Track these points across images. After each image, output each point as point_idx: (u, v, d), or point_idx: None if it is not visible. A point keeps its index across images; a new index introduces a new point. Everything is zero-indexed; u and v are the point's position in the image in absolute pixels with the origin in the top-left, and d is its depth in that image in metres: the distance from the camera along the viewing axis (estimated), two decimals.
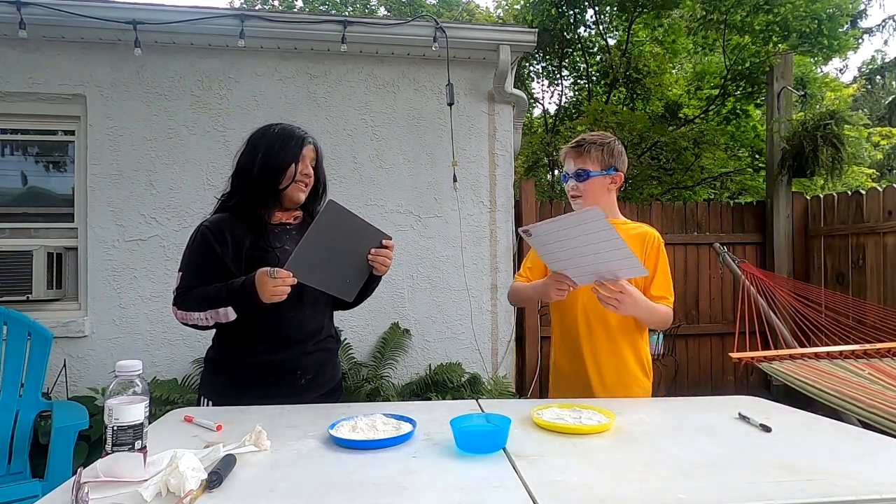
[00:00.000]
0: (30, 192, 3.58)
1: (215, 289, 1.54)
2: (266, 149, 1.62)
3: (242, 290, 1.50)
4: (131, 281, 3.46)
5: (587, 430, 1.27)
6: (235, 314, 1.52)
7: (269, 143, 1.63)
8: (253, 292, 1.47)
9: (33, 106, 3.45)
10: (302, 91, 3.69)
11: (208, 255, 1.58)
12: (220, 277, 1.57)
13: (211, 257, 1.58)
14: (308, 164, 1.66)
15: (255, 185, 1.61)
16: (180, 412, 1.47)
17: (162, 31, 3.38)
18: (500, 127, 3.89)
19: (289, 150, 1.62)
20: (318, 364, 1.68)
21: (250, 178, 1.62)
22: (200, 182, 3.54)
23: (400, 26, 3.60)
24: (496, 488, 0.97)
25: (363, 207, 3.60)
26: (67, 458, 2.20)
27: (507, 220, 3.90)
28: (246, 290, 1.49)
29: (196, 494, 0.92)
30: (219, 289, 1.53)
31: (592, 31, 7.94)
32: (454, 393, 3.42)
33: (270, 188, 1.62)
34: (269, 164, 1.61)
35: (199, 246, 1.60)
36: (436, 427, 1.32)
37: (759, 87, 6.54)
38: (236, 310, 1.52)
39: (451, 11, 10.66)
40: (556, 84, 8.73)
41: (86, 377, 3.37)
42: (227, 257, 1.58)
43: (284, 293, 1.47)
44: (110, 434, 1.03)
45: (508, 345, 3.87)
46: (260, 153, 1.62)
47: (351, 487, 0.98)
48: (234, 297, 1.51)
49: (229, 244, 1.58)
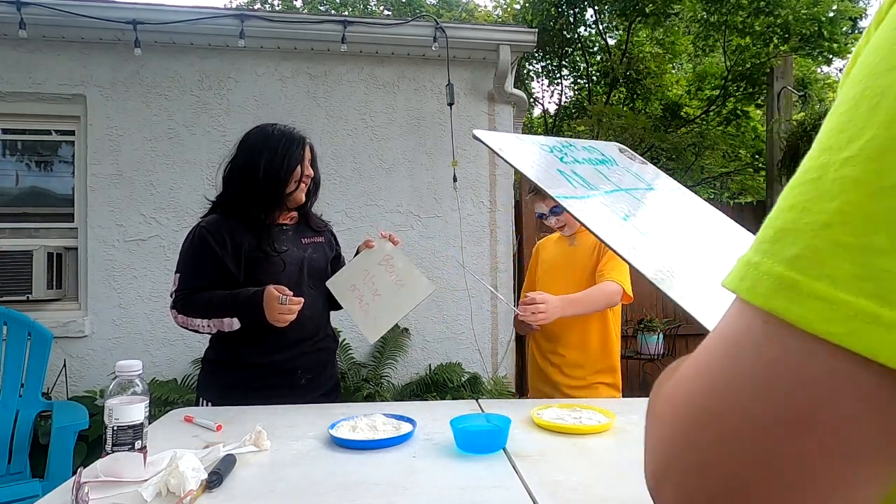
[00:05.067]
0: (30, 192, 3.58)
1: (220, 297, 1.52)
2: (270, 153, 1.61)
3: (250, 304, 1.50)
4: (131, 281, 3.45)
5: (587, 430, 1.27)
6: (240, 324, 1.54)
7: (272, 146, 1.62)
8: (260, 310, 1.49)
9: (33, 106, 3.45)
10: (302, 91, 3.69)
11: (207, 256, 1.57)
12: (219, 279, 1.57)
13: (210, 258, 1.57)
14: (308, 164, 1.68)
15: (261, 188, 1.60)
16: (180, 412, 1.47)
17: (162, 31, 3.38)
18: (501, 127, 3.88)
19: (293, 154, 1.63)
20: (317, 364, 1.69)
21: (255, 180, 1.60)
22: (200, 182, 3.54)
23: (400, 26, 3.60)
24: (496, 488, 0.97)
25: (363, 207, 3.60)
26: (67, 458, 2.19)
27: (507, 220, 3.90)
28: (253, 305, 1.50)
29: (196, 494, 0.92)
30: (223, 298, 1.52)
31: (592, 31, 7.94)
32: (454, 393, 3.42)
33: (277, 191, 1.62)
34: (276, 168, 1.61)
35: (197, 247, 1.58)
36: (436, 427, 1.32)
37: (759, 88, 6.55)
38: (241, 321, 1.54)
39: (450, 11, 10.66)
40: (555, 83, 8.73)
41: (86, 377, 3.36)
42: (226, 258, 1.57)
43: (289, 320, 1.49)
44: (110, 434, 1.03)
45: (508, 345, 3.87)
46: (264, 157, 1.61)
47: (351, 487, 0.98)
48: (241, 309, 1.52)
49: (228, 245, 1.58)
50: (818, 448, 0.20)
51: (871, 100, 0.21)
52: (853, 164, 0.21)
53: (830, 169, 0.22)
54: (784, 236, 0.22)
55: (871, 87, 0.22)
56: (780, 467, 0.20)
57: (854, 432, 0.20)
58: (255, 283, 1.56)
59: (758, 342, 0.22)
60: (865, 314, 0.19)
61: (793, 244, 0.21)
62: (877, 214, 0.20)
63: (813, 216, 0.21)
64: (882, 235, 0.19)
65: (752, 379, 0.21)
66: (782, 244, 0.22)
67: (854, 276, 0.20)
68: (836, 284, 0.20)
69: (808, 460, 0.20)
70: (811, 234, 0.21)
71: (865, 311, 0.19)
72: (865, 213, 0.20)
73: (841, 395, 0.20)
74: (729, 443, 0.21)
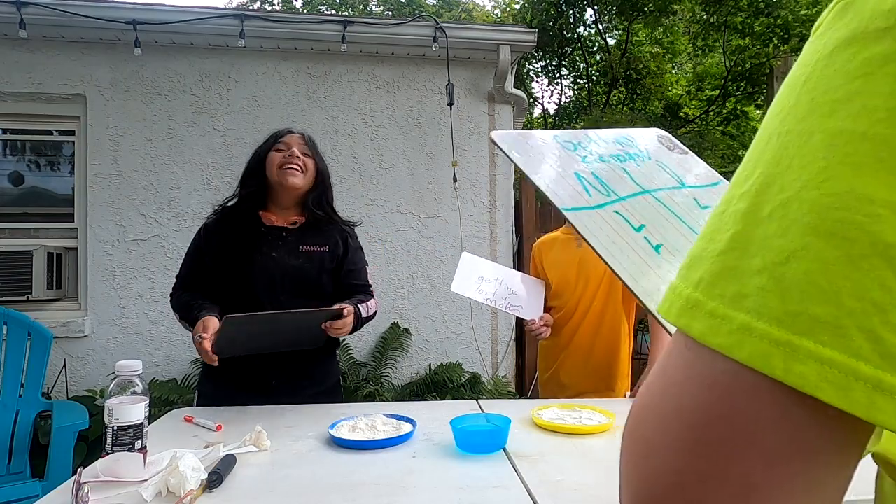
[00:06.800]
0: (30, 192, 3.57)
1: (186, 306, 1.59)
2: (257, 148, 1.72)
3: (191, 324, 1.52)
4: (131, 281, 3.46)
5: (587, 430, 1.27)
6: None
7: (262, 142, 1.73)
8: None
9: (33, 106, 3.45)
10: (302, 91, 3.69)
11: (194, 250, 1.69)
12: (201, 273, 1.65)
13: (195, 253, 1.68)
14: (295, 149, 1.65)
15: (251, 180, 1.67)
16: (180, 412, 1.48)
17: (162, 31, 3.38)
18: (500, 127, 3.88)
19: (270, 140, 1.70)
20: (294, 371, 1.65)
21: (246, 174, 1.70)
22: (200, 182, 3.54)
23: (400, 26, 3.60)
24: (496, 488, 0.97)
25: (363, 207, 3.60)
26: (67, 458, 2.20)
27: (507, 220, 3.90)
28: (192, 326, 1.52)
29: (196, 494, 0.92)
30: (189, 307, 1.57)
31: (592, 31, 7.94)
32: (454, 393, 3.42)
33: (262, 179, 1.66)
34: (257, 156, 1.68)
35: (193, 241, 1.71)
36: (436, 427, 1.32)
37: (759, 88, 6.55)
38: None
39: (450, 11, 10.67)
40: (555, 83, 8.73)
41: (86, 377, 3.36)
42: (207, 255, 1.65)
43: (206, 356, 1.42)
44: (110, 434, 1.03)
45: (508, 345, 3.87)
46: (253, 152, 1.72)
47: (351, 487, 0.98)
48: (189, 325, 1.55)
49: (213, 242, 1.65)
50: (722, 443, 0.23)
51: (763, 141, 0.25)
52: (744, 199, 0.24)
53: (731, 203, 0.25)
54: (694, 263, 0.26)
55: (766, 128, 0.25)
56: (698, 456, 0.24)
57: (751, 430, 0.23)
58: (229, 283, 1.61)
59: (677, 353, 0.26)
60: (743, 327, 0.22)
61: (698, 269, 0.25)
62: (755, 241, 0.23)
63: (714, 244, 0.25)
64: (758, 259, 0.23)
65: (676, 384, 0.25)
66: (692, 270, 0.26)
67: (737, 295, 0.23)
68: (725, 302, 0.23)
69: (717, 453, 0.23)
70: (711, 260, 0.25)
71: (743, 325, 0.22)
72: (747, 240, 0.23)
73: (735, 396, 0.23)
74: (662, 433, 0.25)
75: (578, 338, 1.87)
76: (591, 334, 1.85)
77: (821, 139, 0.22)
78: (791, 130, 0.24)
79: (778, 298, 0.22)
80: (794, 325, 0.21)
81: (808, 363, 0.21)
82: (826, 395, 0.21)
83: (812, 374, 0.21)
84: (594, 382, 1.84)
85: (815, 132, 0.23)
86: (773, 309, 0.22)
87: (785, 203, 0.23)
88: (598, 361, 1.84)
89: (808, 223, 0.22)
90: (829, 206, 0.21)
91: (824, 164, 0.22)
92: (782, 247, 0.22)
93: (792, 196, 0.23)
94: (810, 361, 0.21)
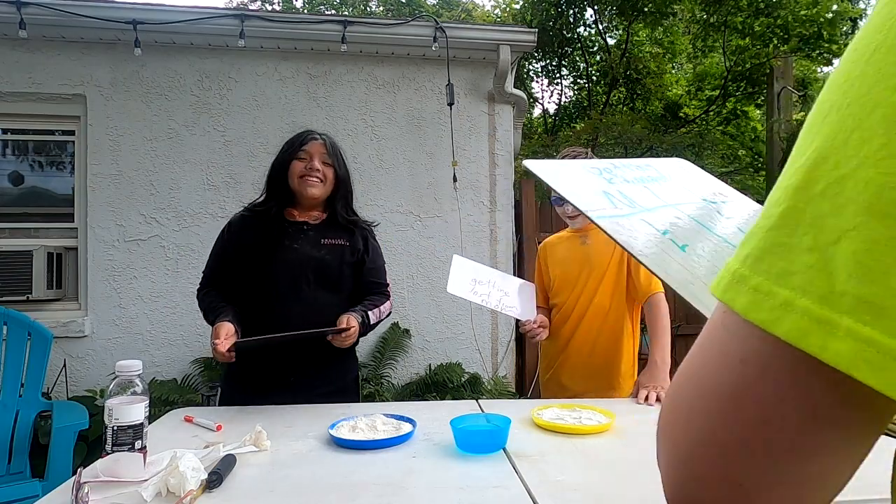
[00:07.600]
0: (30, 192, 3.57)
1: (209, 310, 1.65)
2: (279, 152, 1.75)
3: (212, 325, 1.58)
4: (131, 281, 3.45)
5: (587, 430, 1.27)
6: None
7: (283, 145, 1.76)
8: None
9: (33, 106, 3.45)
10: (302, 91, 3.69)
11: (219, 246, 1.75)
12: (225, 267, 1.70)
13: (220, 248, 1.74)
14: (316, 159, 1.69)
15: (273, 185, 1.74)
16: (180, 412, 1.48)
17: (162, 31, 3.38)
18: (500, 127, 3.89)
19: (292, 149, 1.71)
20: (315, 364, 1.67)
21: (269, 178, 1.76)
22: (200, 182, 3.54)
23: (400, 26, 3.60)
24: (496, 488, 0.97)
25: (363, 207, 3.56)
26: (67, 458, 2.19)
27: (507, 221, 3.90)
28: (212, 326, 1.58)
29: (196, 494, 0.92)
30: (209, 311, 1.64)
31: (592, 31, 7.94)
32: (454, 393, 3.42)
33: (284, 185, 1.71)
34: (280, 164, 1.72)
35: (218, 237, 1.78)
36: (436, 427, 1.32)
37: (759, 88, 6.55)
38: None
39: (450, 11, 10.67)
40: (555, 83, 8.73)
41: (86, 377, 3.36)
42: (228, 250, 1.70)
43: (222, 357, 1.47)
44: (110, 434, 1.03)
45: (508, 345, 3.87)
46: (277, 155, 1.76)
47: (351, 487, 0.98)
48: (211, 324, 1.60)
49: (236, 237, 1.70)
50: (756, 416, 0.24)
51: (822, 113, 0.24)
52: (798, 173, 0.24)
53: (786, 178, 0.25)
54: (747, 239, 0.26)
55: (827, 100, 0.25)
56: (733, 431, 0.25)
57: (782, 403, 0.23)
58: (252, 276, 1.66)
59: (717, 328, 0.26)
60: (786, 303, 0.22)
61: (748, 245, 0.25)
62: (806, 218, 0.23)
63: (765, 220, 0.25)
64: (809, 237, 0.22)
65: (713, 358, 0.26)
66: (743, 245, 0.26)
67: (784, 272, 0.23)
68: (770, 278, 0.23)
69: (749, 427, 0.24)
70: (761, 235, 0.25)
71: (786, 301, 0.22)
72: (798, 217, 0.23)
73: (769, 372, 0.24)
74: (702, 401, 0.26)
75: (579, 336, 1.87)
76: (593, 332, 1.85)
77: (883, 114, 0.21)
78: (853, 103, 0.23)
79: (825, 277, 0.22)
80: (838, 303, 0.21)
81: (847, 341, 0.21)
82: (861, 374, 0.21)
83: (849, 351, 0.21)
84: (595, 382, 1.83)
85: (879, 106, 0.22)
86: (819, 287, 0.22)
87: (840, 180, 0.22)
88: (600, 361, 1.84)
89: (863, 202, 0.21)
90: (886, 185, 0.21)
91: (885, 140, 0.21)
92: (835, 226, 0.22)
93: (847, 173, 0.22)
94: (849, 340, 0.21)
